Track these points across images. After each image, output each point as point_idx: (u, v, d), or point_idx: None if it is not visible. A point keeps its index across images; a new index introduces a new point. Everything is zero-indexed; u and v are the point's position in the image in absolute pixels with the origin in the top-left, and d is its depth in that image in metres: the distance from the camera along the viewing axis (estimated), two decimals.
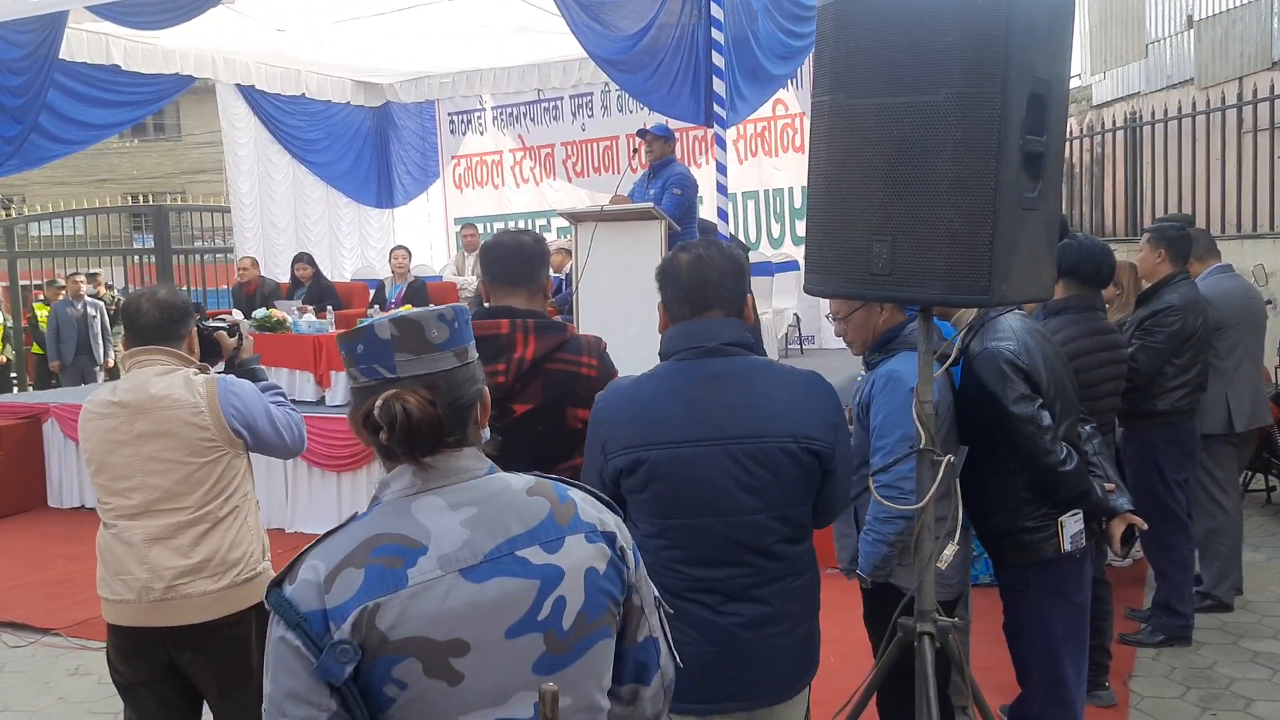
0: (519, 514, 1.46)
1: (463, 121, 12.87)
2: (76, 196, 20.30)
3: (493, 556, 1.42)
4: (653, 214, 6.69)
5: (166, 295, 2.83)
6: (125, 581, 2.75)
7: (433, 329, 1.48)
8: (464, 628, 1.38)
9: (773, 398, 2.25)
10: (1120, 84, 12.94)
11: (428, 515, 1.42)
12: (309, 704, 1.34)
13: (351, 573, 1.36)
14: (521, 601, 1.41)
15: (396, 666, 1.35)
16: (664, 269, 2.37)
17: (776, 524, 2.23)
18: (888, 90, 2.34)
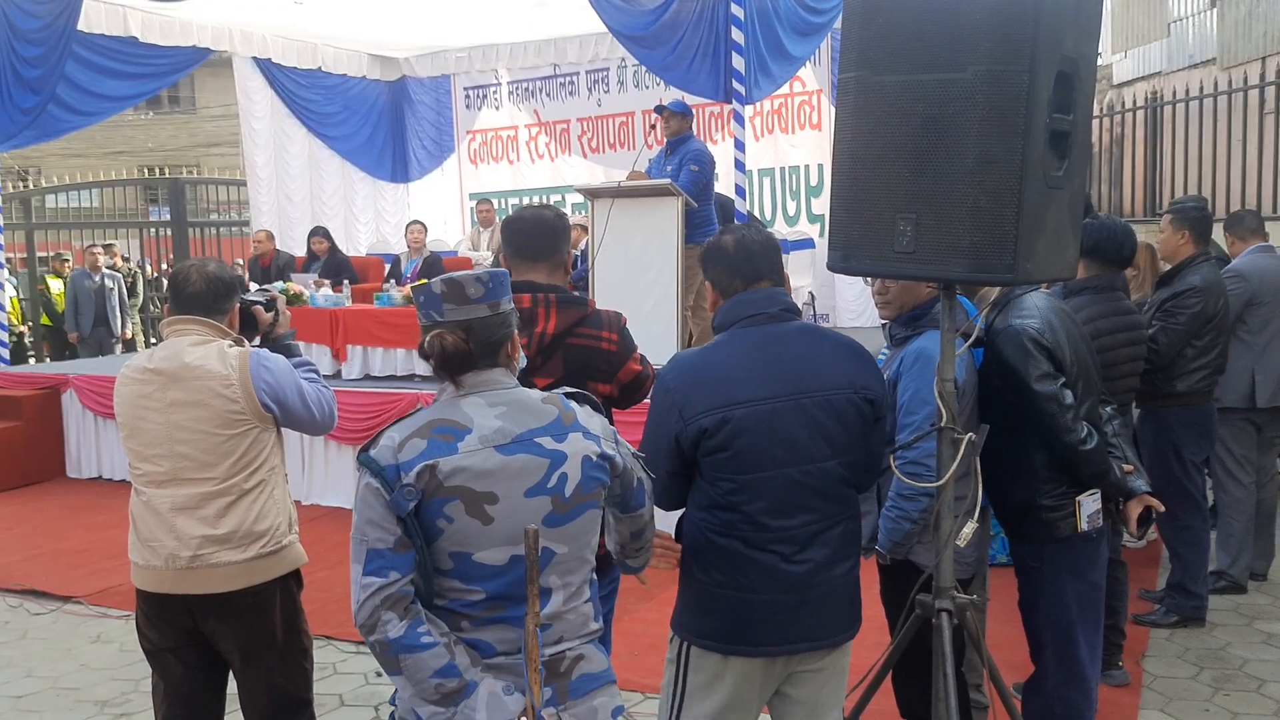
0: (536, 413, 2.03)
1: (478, 96, 12.84)
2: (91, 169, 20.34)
3: (519, 439, 1.98)
4: (669, 190, 6.68)
5: (216, 269, 2.86)
6: (153, 548, 2.78)
7: (471, 287, 2.02)
8: (495, 484, 1.94)
9: (831, 354, 2.48)
10: (1142, 63, 12.83)
11: (472, 409, 2.00)
12: (382, 529, 1.92)
13: (417, 441, 1.94)
14: (536, 472, 1.97)
15: (447, 505, 1.92)
16: (709, 250, 2.57)
17: (842, 469, 2.44)
18: (914, 67, 2.33)
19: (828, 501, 2.43)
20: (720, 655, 2.43)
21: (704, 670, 2.45)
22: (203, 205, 16.43)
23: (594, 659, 2.07)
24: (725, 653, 2.43)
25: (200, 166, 26.82)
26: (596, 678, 2.07)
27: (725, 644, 2.42)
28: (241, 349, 2.82)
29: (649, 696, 4.13)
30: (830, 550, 2.43)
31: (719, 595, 2.42)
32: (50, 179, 21.21)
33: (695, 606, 2.48)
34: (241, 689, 2.91)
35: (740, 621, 2.40)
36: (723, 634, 2.43)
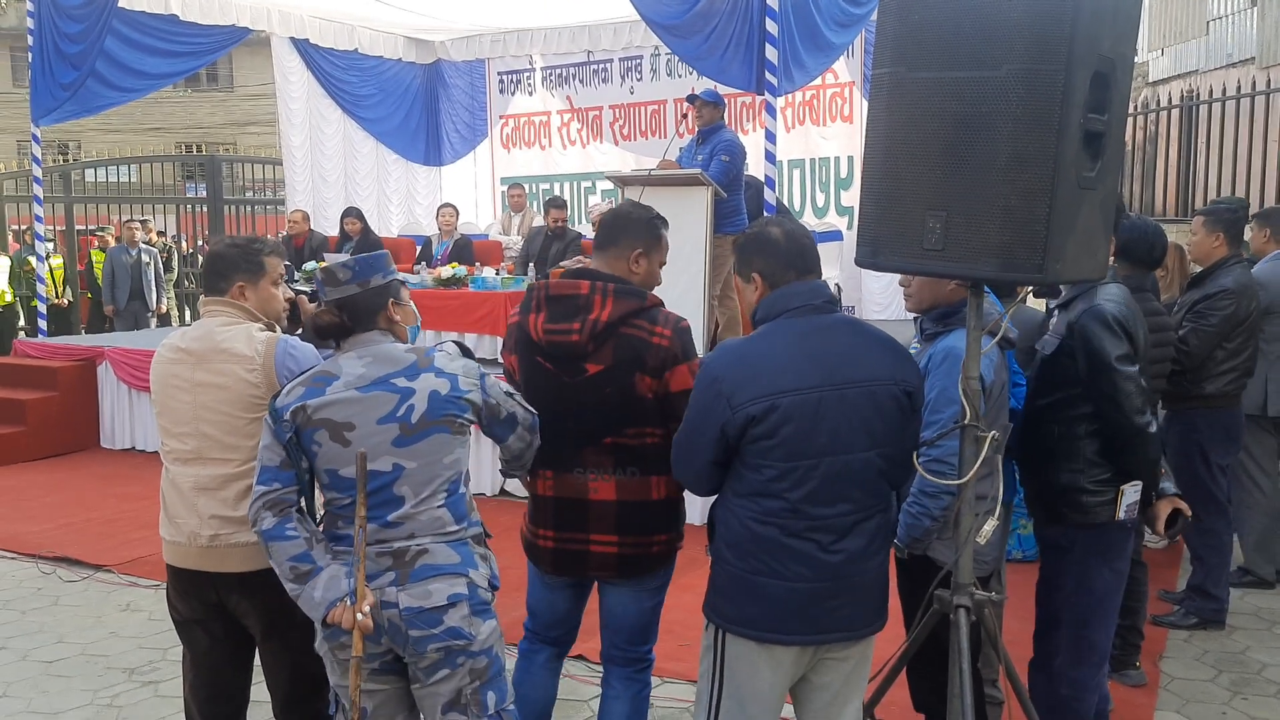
0: (395, 361, 2.54)
1: (512, 81, 12.88)
2: (130, 144, 20.58)
3: (376, 380, 2.50)
4: (699, 180, 6.69)
5: (223, 247, 2.90)
6: (178, 525, 2.85)
7: (340, 273, 2.57)
8: (353, 415, 2.48)
9: (871, 347, 2.52)
10: (1178, 61, 12.68)
11: (345, 362, 2.54)
12: (271, 451, 2.53)
13: (298, 389, 2.53)
14: (388, 404, 2.48)
15: (316, 434, 2.49)
16: (755, 240, 2.62)
17: (880, 460, 2.48)
18: (949, 64, 2.34)
19: (865, 493, 2.47)
20: (756, 643, 2.49)
21: (742, 657, 2.51)
22: (239, 183, 16.57)
23: (441, 554, 2.51)
24: (761, 640, 2.48)
25: (236, 144, 27.09)
26: (438, 568, 2.49)
27: (761, 631, 2.48)
28: (269, 334, 2.85)
29: (667, 680, 4.17)
30: (865, 541, 2.48)
31: (755, 582, 2.47)
32: (89, 153, 21.44)
33: (730, 593, 2.52)
34: (265, 664, 2.96)
35: (776, 609, 2.45)
36: (759, 621, 2.48)
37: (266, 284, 2.93)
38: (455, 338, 7.61)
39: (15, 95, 26.64)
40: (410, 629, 2.47)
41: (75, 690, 4.24)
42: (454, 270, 7.91)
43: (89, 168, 16.35)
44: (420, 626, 2.47)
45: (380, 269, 2.60)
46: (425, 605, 2.47)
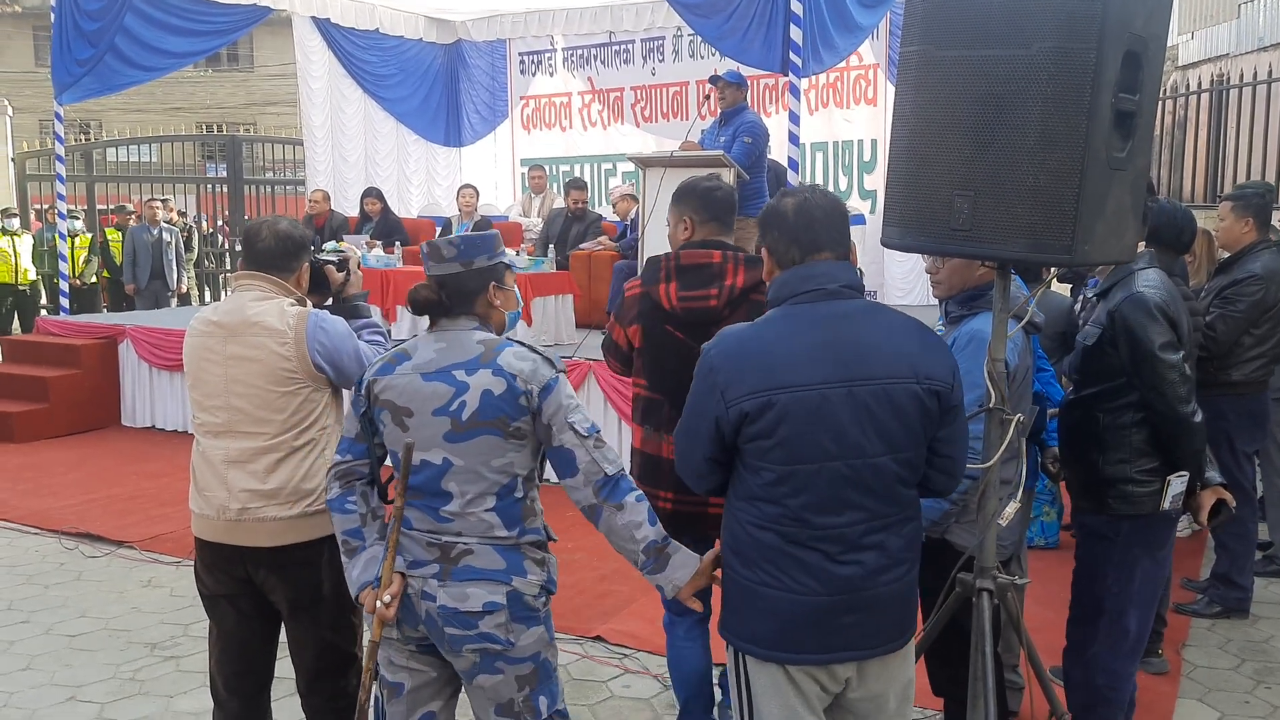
0: (464, 351, 2.45)
1: (533, 62, 12.83)
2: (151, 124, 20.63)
3: (440, 369, 2.44)
4: (722, 161, 6.65)
5: (287, 227, 2.90)
6: (207, 498, 2.85)
7: (445, 249, 2.49)
8: (412, 402, 2.44)
9: (894, 339, 2.25)
10: (1209, 44, 12.52)
11: (423, 343, 2.50)
12: (350, 421, 2.57)
13: (379, 363, 2.52)
14: (444, 396, 2.41)
15: (381, 414, 2.48)
16: (768, 213, 2.37)
17: (897, 466, 2.22)
18: (979, 43, 2.31)
19: (879, 501, 2.22)
20: (772, 663, 2.27)
21: (764, 675, 2.29)
22: (259, 163, 16.61)
23: (486, 557, 2.42)
24: (768, 659, 2.27)
25: (256, 124, 27.17)
26: (479, 572, 2.41)
27: (769, 649, 2.26)
28: (301, 308, 2.85)
29: None
30: (883, 553, 2.23)
31: (760, 594, 2.25)
32: (111, 133, 21.55)
33: (738, 607, 2.32)
34: (291, 640, 2.97)
35: (783, 624, 2.24)
36: (767, 638, 2.26)
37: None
38: None
39: (37, 75, 26.75)
40: (446, 626, 2.41)
41: (98, 664, 4.28)
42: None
43: (110, 147, 16.41)
44: (455, 626, 2.41)
45: (487, 250, 2.51)
46: (460, 607, 2.40)
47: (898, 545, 2.26)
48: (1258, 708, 3.88)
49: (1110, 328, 3.06)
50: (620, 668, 4.18)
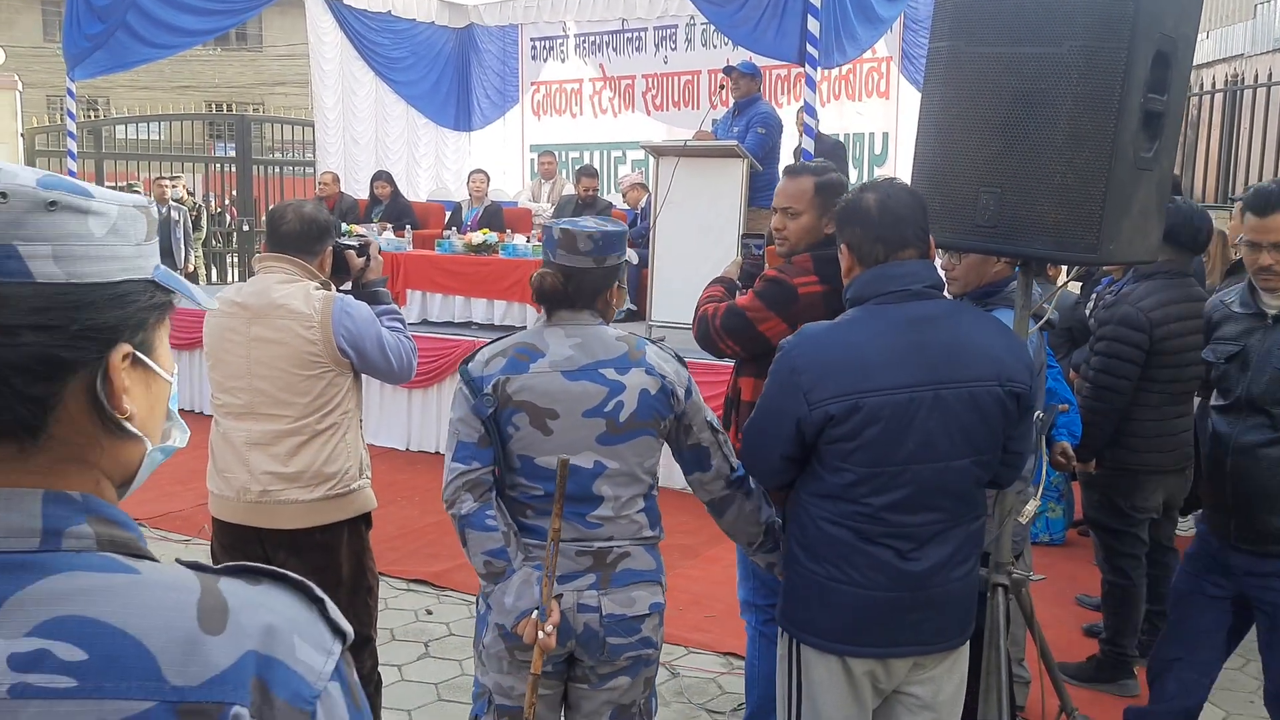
0: (607, 348, 2.32)
1: (545, 48, 12.79)
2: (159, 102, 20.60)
3: (584, 367, 2.29)
4: (735, 152, 6.66)
5: (312, 210, 2.90)
6: (227, 479, 2.86)
7: (582, 242, 2.32)
8: (557, 403, 2.27)
9: (978, 341, 2.23)
10: (1223, 45, 12.48)
11: (552, 337, 2.33)
12: (469, 426, 2.31)
13: (499, 359, 2.32)
14: (596, 397, 2.27)
15: (515, 415, 2.28)
16: (849, 210, 2.30)
17: (977, 469, 2.23)
18: (1009, 39, 2.32)
19: (956, 501, 2.24)
20: (829, 654, 2.29)
21: (817, 669, 2.31)
22: (267, 143, 16.59)
23: (641, 558, 2.34)
24: (832, 651, 2.28)
25: (265, 104, 27.13)
26: (639, 574, 2.33)
27: (833, 642, 2.27)
28: (327, 292, 2.86)
29: (692, 650, 4.20)
30: (951, 550, 2.25)
31: (828, 588, 2.25)
32: (119, 110, 21.52)
33: (803, 599, 2.32)
34: None
35: (849, 618, 2.24)
36: (831, 631, 2.27)
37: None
38: (485, 305, 7.71)
39: (46, 50, 26.73)
40: (609, 636, 2.29)
41: None
42: (485, 236, 7.91)
43: (120, 124, 16.40)
44: (620, 634, 2.29)
45: (619, 248, 2.38)
46: (628, 613, 2.30)
47: (965, 543, 2.28)
48: (1262, 709, 3.89)
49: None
50: None
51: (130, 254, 0.88)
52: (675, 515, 5.84)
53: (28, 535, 0.81)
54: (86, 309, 0.84)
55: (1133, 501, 3.93)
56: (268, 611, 0.83)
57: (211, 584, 0.84)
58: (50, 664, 0.76)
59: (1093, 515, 4.12)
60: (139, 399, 0.89)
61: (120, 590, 0.80)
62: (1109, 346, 3.83)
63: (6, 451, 0.83)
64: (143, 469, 0.92)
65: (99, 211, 0.85)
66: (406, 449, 7.39)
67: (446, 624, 4.49)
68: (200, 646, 0.79)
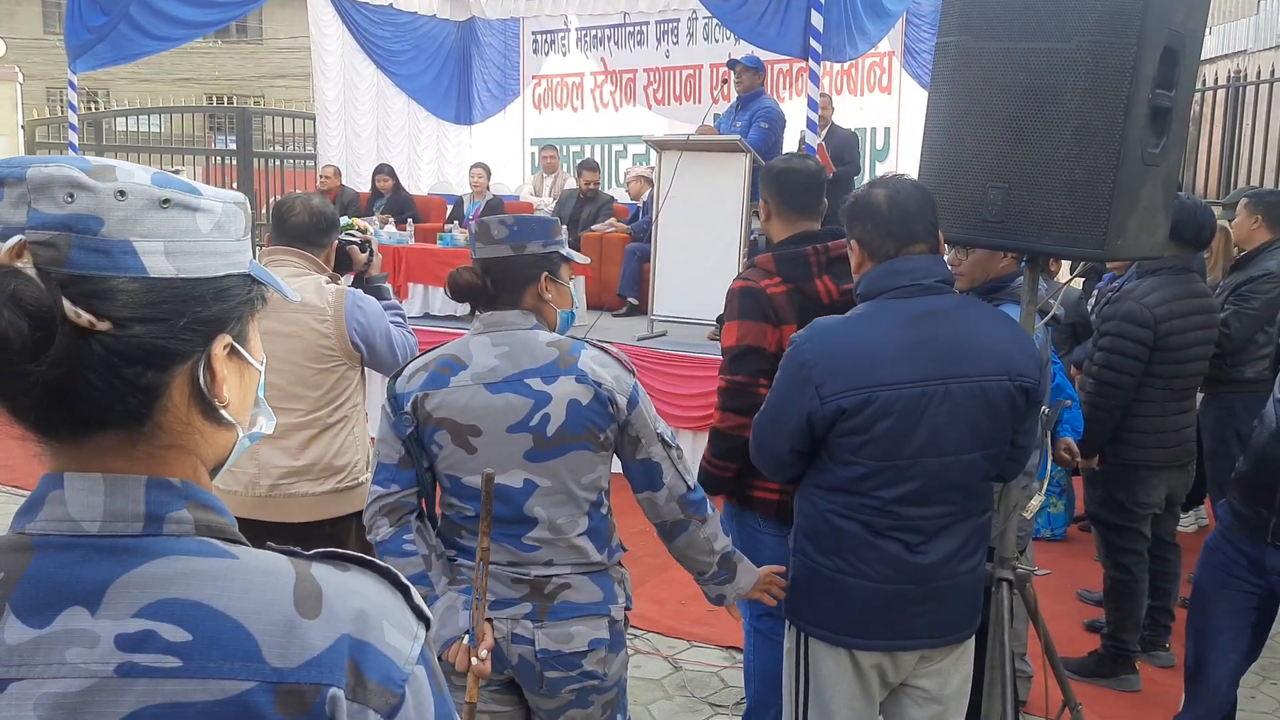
0: (534, 356, 2.16)
1: (546, 41, 12.78)
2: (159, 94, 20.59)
3: (509, 379, 2.14)
4: (738, 146, 6.65)
5: (319, 204, 2.90)
6: (234, 473, 2.86)
7: (495, 229, 2.21)
8: (479, 419, 2.13)
9: (988, 335, 2.24)
10: (1226, 40, 12.45)
11: (477, 347, 2.18)
12: (389, 445, 2.20)
13: (421, 374, 2.18)
14: (520, 410, 2.13)
15: (437, 433, 2.15)
16: (859, 205, 2.29)
17: (985, 462, 2.24)
18: (1018, 35, 2.32)
19: (964, 495, 2.25)
20: (836, 647, 2.30)
21: (827, 660, 2.31)
22: (268, 136, 16.56)
23: (584, 589, 2.19)
24: (838, 644, 2.29)
25: (264, 97, 27.08)
26: (580, 608, 2.18)
27: (839, 634, 2.28)
28: (338, 287, 2.87)
29: (695, 644, 4.21)
30: (959, 543, 2.26)
31: (836, 581, 2.26)
32: (119, 102, 21.49)
33: (809, 592, 2.32)
34: None
35: (856, 611, 2.25)
36: (837, 623, 2.28)
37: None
38: None
39: (45, 42, 26.67)
40: (546, 670, 2.17)
41: None
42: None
43: (120, 116, 16.38)
44: (557, 669, 2.18)
45: (542, 235, 2.23)
46: (565, 649, 2.17)
47: (972, 536, 2.30)
48: (1263, 703, 3.91)
49: None
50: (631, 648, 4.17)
51: (231, 249, 0.91)
52: None
53: (132, 520, 0.84)
54: (194, 302, 0.87)
55: (1135, 497, 3.94)
56: (359, 597, 0.87)
57: (305, 569, 0.87)
58: (156, 644, 0.79)
59: (1095, 511, 4.13)
60: (234, 388, 0.93)
61: (220, 574, 0.83)
62: (1113, 342, 3.84)
63: (115, 439, 0.86)
64: (233, 454, 0.96)
65: (206, 209, 0.88)
66: None
67: None
68: (298, 629, 0.82)
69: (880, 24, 7.36)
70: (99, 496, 0.84)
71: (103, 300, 0.82)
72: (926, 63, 8.51)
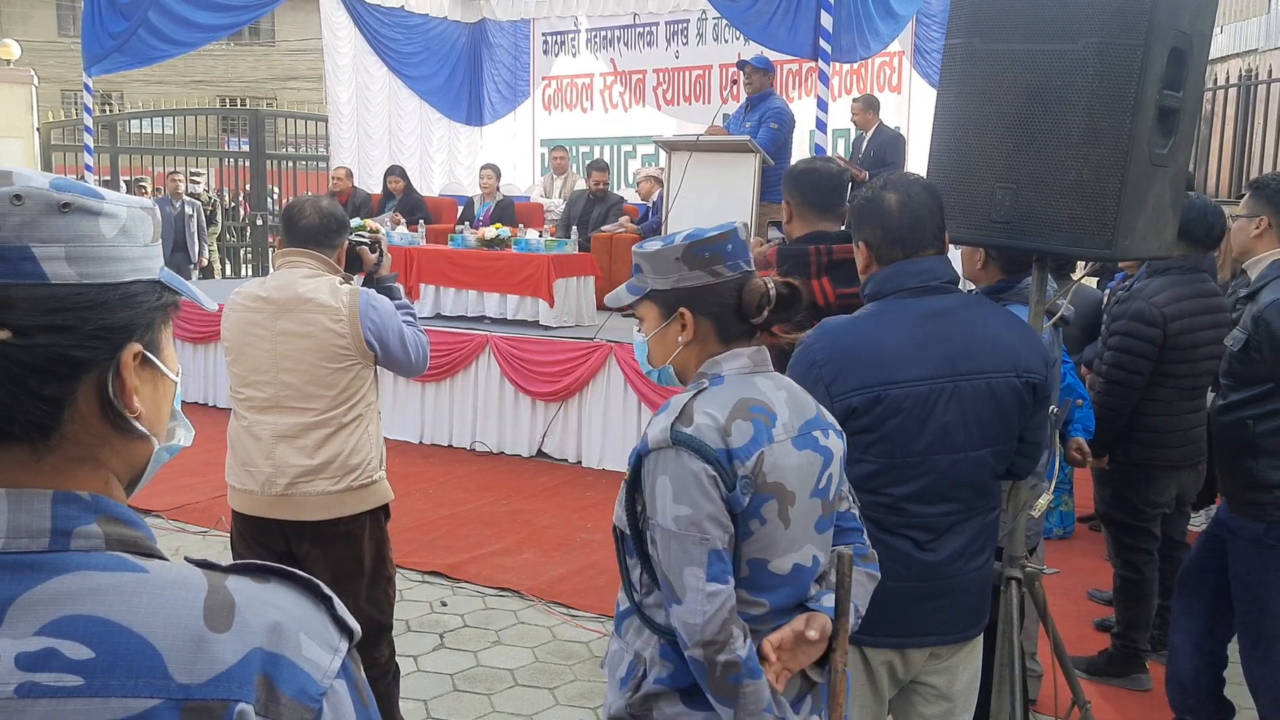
0: (805, 402, 1.84)
1: (556, 42, 12.81)
2: (172, 96, 20.69)
3: (802, 431, 1.78)
4: (748, 147, 6.67)
5: (329, 205, 2.93)
6: (251, 473, 2.89)
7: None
8: (794, 482, 1.73)
9: (995, 333, 2.24)
10: (1237, 39, 12.41)
11: (767, 390, 1.77)
12: (721, 526, 1.67)
13: (743, 424, 1.70)
14: (815, 470, 1.77)
15: (765, 504, 1.70)
16: (869, 208, 2.27)
17: (993, 460, 2.24)
18: (1025, 36, 2.33)
19: (973, 492, 2.25)
20: (850, 645, 2.16)
21: None
22: (280, 138, 16.64)
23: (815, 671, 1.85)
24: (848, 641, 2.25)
25: (277, 99, 27.19)
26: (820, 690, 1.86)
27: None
28: (352, 286, 2.90)
29: None
30: (967, 540, 2.26)
31: None
32: (133, 104, 21.60)
33: None
34: None
35: (868, 609, 2.09)
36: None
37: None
38: (498, 299, 7.72)
39: (60, 45, 26.83)
40: None
41: None
42: (498, 231, 7.93)
43: (134, 119, 16.47)
44: None
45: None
46: None
47: (980, 533, 2.29)
48: None
49: (1255, 333, 3.01)
50: None
51: (139, 254, 0.88)
52: None
53: (37, 535, 0.81)
54: (99, 309, 0.84)
55: (1145, 496, 3.95)
56: (274, 609, 0.84)
57: (219, 582, 0.84)
58: (57, 663, 0.76)
59: (1105, 510, 4.13)
60: (147, 398, 0.90)
61: (128, 589, 0.80)
62: (1122, 342, 3.84)
63: (20, 453, 0.83)
64: (149, 467, 0.93)
65: (110, 213, 0.86)
66: (420, 442, 7.43)
67: (461, 615, 4.53)
68: (206, 644, 0.79)
69: (891, 25, 7.38)
70: (1, 513, 0.81)
71: (2, 309, 0.79)
72: (937, 62, 8.51)
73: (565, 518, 5.77)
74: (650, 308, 1.86)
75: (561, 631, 4.36)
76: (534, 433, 7.06)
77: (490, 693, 3.84)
